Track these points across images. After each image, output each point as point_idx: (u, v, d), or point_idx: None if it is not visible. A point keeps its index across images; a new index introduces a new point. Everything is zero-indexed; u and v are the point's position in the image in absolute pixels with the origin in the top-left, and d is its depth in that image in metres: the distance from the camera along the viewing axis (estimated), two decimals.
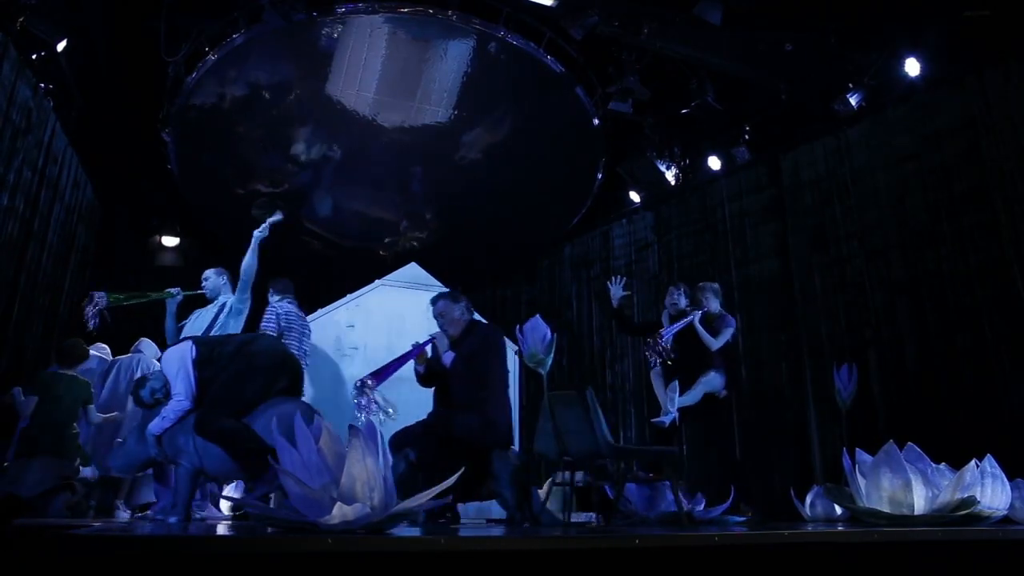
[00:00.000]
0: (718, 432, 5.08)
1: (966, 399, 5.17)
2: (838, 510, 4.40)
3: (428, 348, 3.94)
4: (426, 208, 9.63)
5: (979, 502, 3.18)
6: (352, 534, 1.95)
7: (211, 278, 4.82)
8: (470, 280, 9.13)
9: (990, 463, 3.33)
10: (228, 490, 4.85)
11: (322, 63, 7.56)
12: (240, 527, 3.04)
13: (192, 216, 9.32)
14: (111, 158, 8.03)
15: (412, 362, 3.93)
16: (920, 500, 3.23)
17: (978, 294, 5.30)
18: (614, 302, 5.32)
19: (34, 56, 5.92)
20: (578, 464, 4.03)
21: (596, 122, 8.15)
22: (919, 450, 3.41)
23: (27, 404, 4.66)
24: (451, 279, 6.94)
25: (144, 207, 9.20)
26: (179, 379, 3.50)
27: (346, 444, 2.19)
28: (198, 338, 3.95)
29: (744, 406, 6.67)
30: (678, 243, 7.91)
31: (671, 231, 8.02)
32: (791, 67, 6.78)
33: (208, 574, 1.65)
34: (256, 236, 4.58)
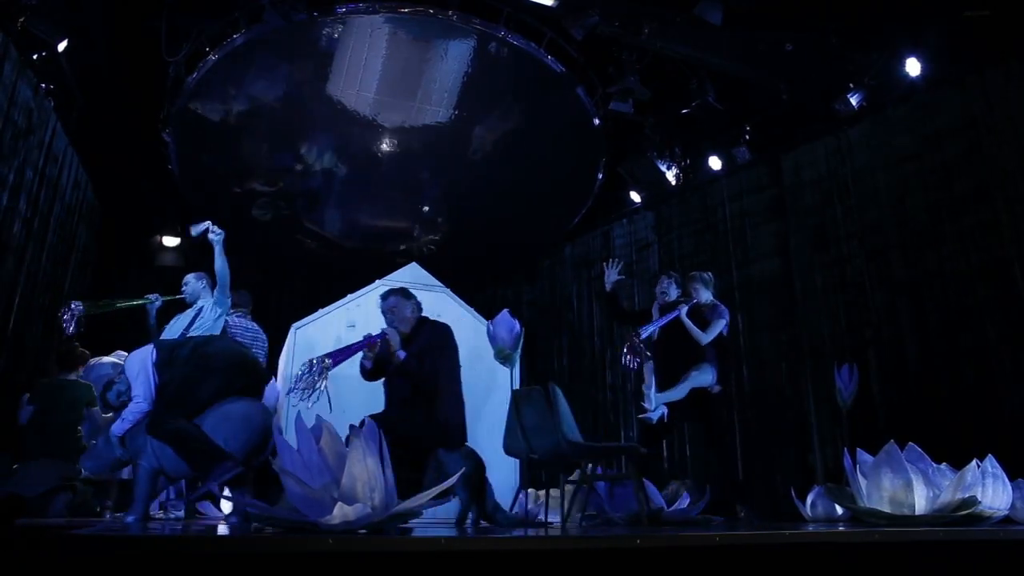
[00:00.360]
0: (717, 431, 5.00)
1: (967, 399, 5.16)
2: (839, 510, 4.39)
3: (379, 342, 3.82)
4: (435, 211, 9.63)
5: (980, 502, 3.18)
6: (353, 534, 1.95)
7: (191, 283, 4.86)
8: (470, 280, 9.13)
9: (991, 463, 3.33)
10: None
11: (322, 63, 7.56)
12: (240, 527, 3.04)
13: (192, 216, 9.29)
14: (111, 158, 8.04)
15: (360, 355, 3.82)
16: (921, 500, 3.23)
17: (979, 294, 5.30)
18: (608, 285, 5.21)
19: (35, 56, 5.93)
20: (544, 463, 3.90)
21: (597, 122, 8.15)
22: (920, 450, 3.41)
23: (28, 411, 4.81)
24: (451, 279, 6.94)
25: (144, 207, 9.20)
26: (139, 382, 3.53)
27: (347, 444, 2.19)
28: (159, 341, 3.99)
29: (744, 406, 6.69)
30: (679, 243, 7.91)
31: (672, 231, 8.02)
32: (791, 67, 6.78)
33: (208, 574, 1.65)
34: (216, 240, 4.57)
